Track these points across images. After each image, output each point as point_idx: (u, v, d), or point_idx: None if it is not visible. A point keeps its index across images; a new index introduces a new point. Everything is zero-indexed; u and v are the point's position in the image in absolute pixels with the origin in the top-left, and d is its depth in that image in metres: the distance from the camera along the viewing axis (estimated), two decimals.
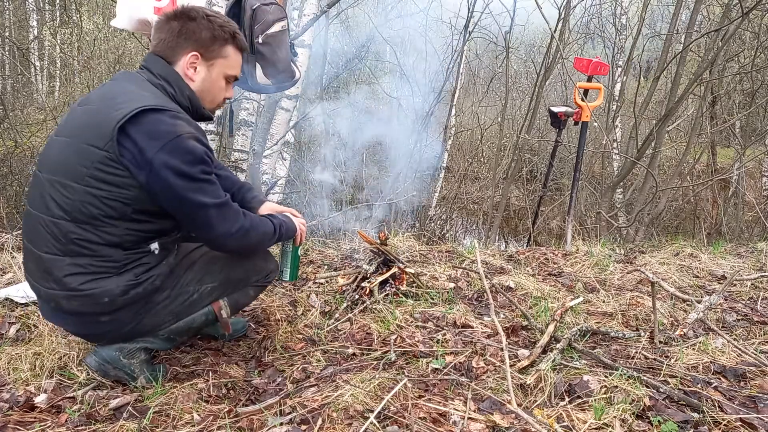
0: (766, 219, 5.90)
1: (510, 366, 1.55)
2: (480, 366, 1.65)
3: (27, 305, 1.98)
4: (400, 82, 8.70)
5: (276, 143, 4.39)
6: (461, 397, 1.43)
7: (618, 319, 2.15)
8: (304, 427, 1.28)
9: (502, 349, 1.66)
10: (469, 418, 1.32)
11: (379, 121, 7.97)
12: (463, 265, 2.82)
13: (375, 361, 1.71)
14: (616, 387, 1.44)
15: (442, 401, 1.40)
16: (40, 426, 1.32)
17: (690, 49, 5.97)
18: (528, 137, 6.86)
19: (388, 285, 2.31)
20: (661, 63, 5.77)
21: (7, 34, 9.83)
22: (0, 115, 5.64)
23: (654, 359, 1.72)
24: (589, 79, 3.83)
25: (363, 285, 2.25)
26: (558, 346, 1.72)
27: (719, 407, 1.36)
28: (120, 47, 10.13)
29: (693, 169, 7.46)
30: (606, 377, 1.50)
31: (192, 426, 1.33)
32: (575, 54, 8.69)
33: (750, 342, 1.91)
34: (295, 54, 2.54)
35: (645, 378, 1.50)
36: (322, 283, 2.44)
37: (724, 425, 1.30)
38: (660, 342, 1.87)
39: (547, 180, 5.16)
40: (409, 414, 1.31)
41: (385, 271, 2.32)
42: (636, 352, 1.76)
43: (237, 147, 4.10)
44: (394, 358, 1.73)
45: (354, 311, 2.11)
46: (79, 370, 1.61)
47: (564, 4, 5.84)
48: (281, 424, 1.30)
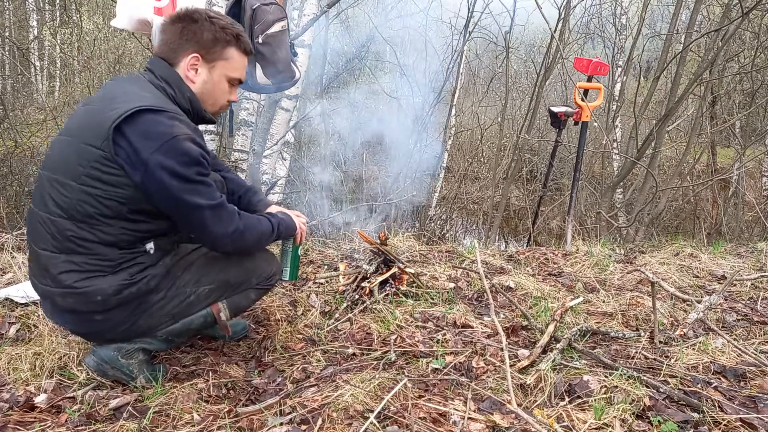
0: (766, 219, 5.90)
1: (510, 366, 1.55)
2: (480, 366, 1.65)
3: (27, 305, 1.98)
4: (400, 82, 8.71)
5: (276, 143, 4.39)
6: (461, 397, 1.43)
7: (618, 319, 2.15)
8: (304, 427, 1.28)
9: (502, 349, 1.66)
10: (469, 418, 1.32)
11: (379, 121, 7.97)
12: (463, 265, 2.82)
13: (375, 361, 1.71)
14: (616, 387, 1.44)
15: (442, 401, 1.40)
16: (40, 426, 1.32)
17: (690, 49, 5.97)
18: (528, 137, 6.86)
19: (388, 285, 2.31)
20: (661, 63, 5.77)
21: (7, 34, 9.83)
22: (0, 115, 5.64)
23: (654, 359, 1.72)
24: (589, 79, 3.83)
25: (363, 285, 2.25)
26: (558, 346, 1.72)
27: (719, 407, 1.36)
28: (120, 47, 10.12)
29: (693, 169, 7.46)
30: (606, 377, 1.50)
31: (192, 426, 1.33)
32: (575, 54, 8.70)
33: (750, 342, 1.91)
34: (295, 54, 2.54)
35: (645, 378, 1.50)
36: (322, 283, 2.44)
37: (724, 425, 1.30)
38: (660, 342, 1.87)
39: (547, 180, 5.17)
40: (409, 414, 1.31)
41: (385, 271, 2.32)
42: (636, 352, 1.76)
43: (237, 147, 4.10)
44: (394, 358, 1.73)
45: (354, 311, 2.11)
46: (79, 370, 1.61)
47: (564, 4, 5.84)
48: (281, 424, 1.30)
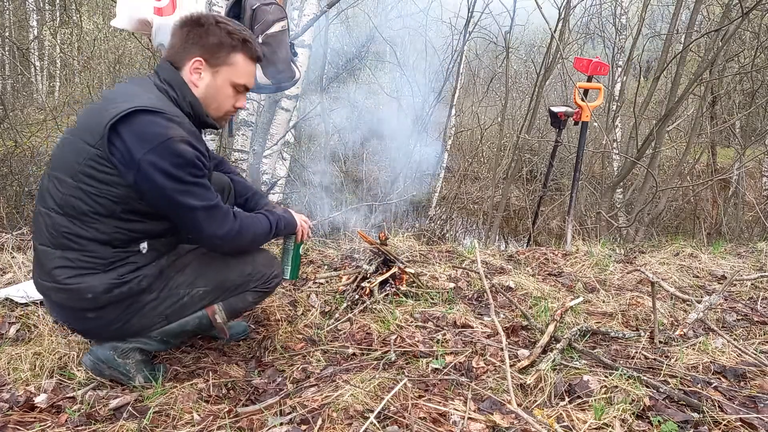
0: (766, 219, 5.90)
1: (510, 366, 1.55)
2: (480, 366, 1.65)
3: (27, 305, 1.98)
4: (400, 82, 8.71)
5: (276, 143, 4.39)
6: (461, 397, 1.43)
7: (618, 319, 2.15)
8: (304, 427, 1.28)
9: (502, 349, 1.66)
10: (469, 418, 1.32)
11: (380, 121, 7.98)
12: (463, 265, 2.82)
13: (375, 361, 1.71)
14: (616, 387, 1.44)
15: (442, 401, 1.40)
16: (40, 426, 1.32)
17: (690, 49, 5.97)
18: (528, 137, 6.86)
19: (388, 285, 2.31)
20: (661, 63, 5.77)
21: (7, 34, 9.83)
22: (0, 115, 5.64)
23: (654, 359, 1.72)
24: (589, 79, 3.83)
25: (363, 285, 2.25)
26: (558, 346, 1.72)
27: (719, 407, 1.36)
28: (120, 47, 10.13)
29: (693, 169, 7.46)
30: (606, 377, 1.50)
31: (192, 426, 1.33)
32: (575, 54, 8.70)
33: (750, 342, 1.91)
34: (295, 54, 2.54)
35: (645, 378, 1.49)
36: (322, 283, 2.44)
37: (724, 425, 1.29)
38: (660, 342, 1.87)
39: (547, 180, 5.17)
40: (409, 414, 1.31)
41: (385, 271, 2.32)
42: (636, 352, 1.76)
43: (237, 147, 4.10)
44: (394, 358, 1.73)
45: (354, 311, 2.11)
46: (79, 370, 1.62)
47: (564, 4, 5.84)
48: (281, 424, 1.30)
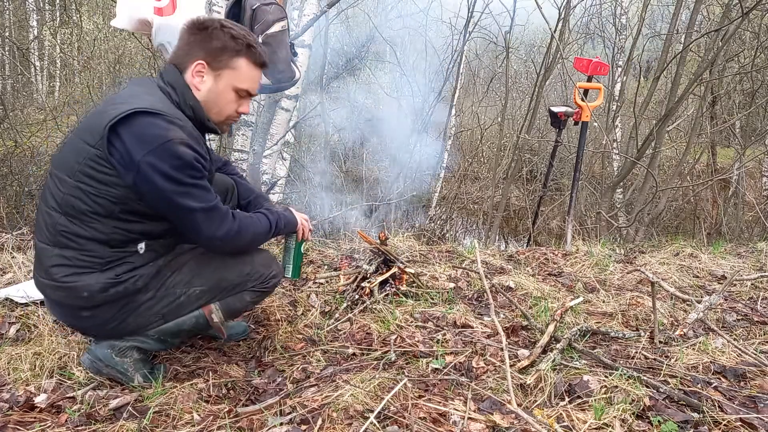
0: (766, 219, 5.90)
1: (510, 366, 1.55)
2: (480, 366, 1.65)
3: (27, 305, 1.98)
4: (400, 82, 8.71)
5: (276, 143, 4.40)
6: (461, 397, 1.43)
7: (618, 319, 2.15)
8: (304, 427, 1.28)
9: (502, 349, 1.66)
10: (469, 418, 1.32)
11: (380, 121, 7.98)
12: (463, 265, 2.82)
13: (375, 361, 1.71)
14: (616, 387, 1.44)
15: (442, 401, 1.40)
16: (40, 426, 1.32)
17: (690, 49, 5.97)
18: (528, 137, 6.86)
19: (388, 285, 2.31)
20: (661, 63, 5.77)
21: (7, 34, 9.83)
22: (0, 115, 5.64)
23: (654, 359, 1.72)
24: (589, 79, 3.83)
25: (363, 285, 2.25)
26: (558, 346, 1.72)
27: (719, 407, 1.36)
28: (120, 47, 10.13)
29: (693, 169, 7.46)
30: (606, 377, 1.50)
31: (192, 426, 1.33)
32: (575, 54, 8.69)
33: (750, 342, 1.91)
34: (295, 54, 2.54)
35: (645, 378, 1.49)
36: (322, 283, 2.44)
37: (724, 425, 1.29)
38: (660, 342, 1.87)
39: (547, 180, 5.17)
40: (409, 414, 1.31)
41: (385, 271, 2.32)
42: (636, 352, 1.76)
43: (237, 147, 4.10)
44: (394, 358, 1.73)
45: (354, 311, 2.11)
46: (79, 370, 1.61)
47: (564, 4, 5.84)
48: (281, 424, 1.30)
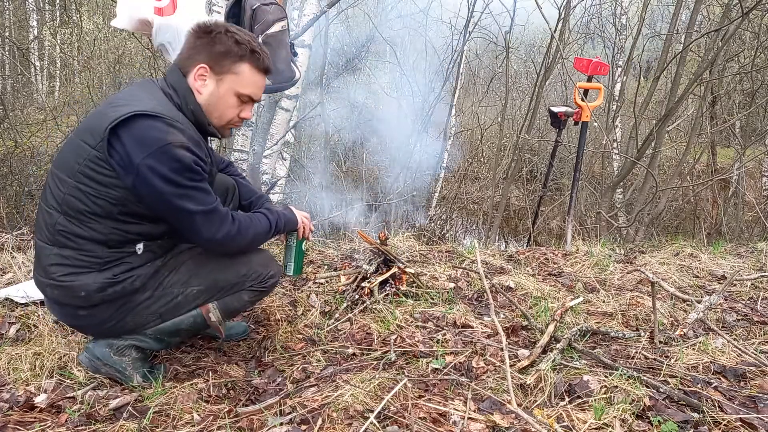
0: (766, 219, 5.90)
1: (510, 366, 1.55)
2: (480, 366, 1.65)
3: (27, 305, 1.98)
4: (400, 82, 8.71)
5: (276, 143, 4.39)
6: (461, 397, 1.43)
7: (618, 319, 2.15)
8: (304, 427, 1.28)
9: (502, 349, 1.66)
10: (469, 418, 1.32)
11: (380, 121, 7.98)
12: (463, 265, 2.82)
13: (375, 361, 1.71)
14: (616, 387, 1.44)
15: (442, 401, 1.40)
16: (40, 426, 1.32)
17: (690, 49, 5.97)
18: (528, 137, 6.86)
19: (388, 285, 2.31)
20: (661, 63, 5.77)
21: (7, 34, 9.82)
22: (0, 115, 5.64)
23: (654, 359, 1.72)
24: (589, 79, 3.83)
25: (363, 285, 2.25)
26: (558, 346, 1.72)
27: (719, 407, 1.36)
28: (120, 47, 10.13)
29: (693, 169, 7.46)
30: (606, 377, 1.50)
31: (192, 426, 1.33)
32: (575, 54, 8.69)
33: (750, 342, 1.91)
34: (295, 54, 2.54)
35: (645, 378, 1.49)
36: (322, 283, 2.44)
37: (724, 425, 1.29)
38: (660, 342, 1.87)
39: (547, 180, 5.17)
40: (409, 414, 1.31)
41: (385, 271, 2.32)
42: (636, 352, 1.76)
43: (237, 147, 4.10)
44: (394, 358, 1.73)
45: (354, 311, 2.11)
46: (79, 370, 1.62)
47: (564, 4, 5.84)
48: (281, 424, 1.30)
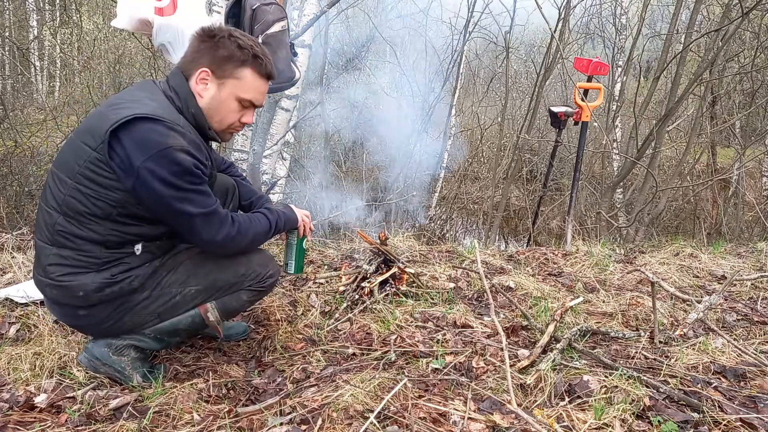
0: (766, 219, 5.90)
1: (510, 366, 1.55)
2: (480, 366, 1.65)
3: (27, 305, 1.98)
4: (400, 82, 8.71)
5: (276, 143, 4.39)
6: (461, 397, 1.43)
7: (618, 319, 2.15)
8: (304, 427, 1.28)
9: (502, 349, 1.66)
10: (469, 418, 1.32)
11: (380, 122, 7.98)
12: (463, 265, 2.82)
13: (375, 361, 1.71)
14: (616, 387, 1.44)
15: (442, 401, 1.40)
16: (40, 426, 1.32)
17: (690, 49, 5.97)
18: (528, 137, 6.86)
19: (388, 285, 2.31)
20: (661, 63, 5.77)
21: (7, 34, 9.82)
22: (0, 115, 5.64)
23: (654, 359, 1.72)
24: (589, 79, 3.82)
25: (363, 285, 2.25)
26: (558, 346, 1.72)
27: (719, 407, 1.36)
28: (120, 47, 10.12)
29: (693, 169, 7.46)
30: (606, 377, 1.50)
31: (192, 426, 1.33)
32: (575, 54, 8.69)
33: (750, 342, 1.91)
34: (295, 54, 2.54)
35: (645, 378, 1.49)
36: (322, 283, 2.44)
37: (724, 425, 1.29)
38: (660, 342, 1.87)
39: (547, 180, 5.17)
40: (409, 414, 1.31)
41: (385, 271, 2.32)
42: (636, 352, 1.76)
43: (237, 147, 4.10)
44: (394, 358, 1.73)
45: (354, 311, 2.11)
46: (79, 370, 1.62)
47: (564, 4, 5.84)
48: (281, 424, 1.30)
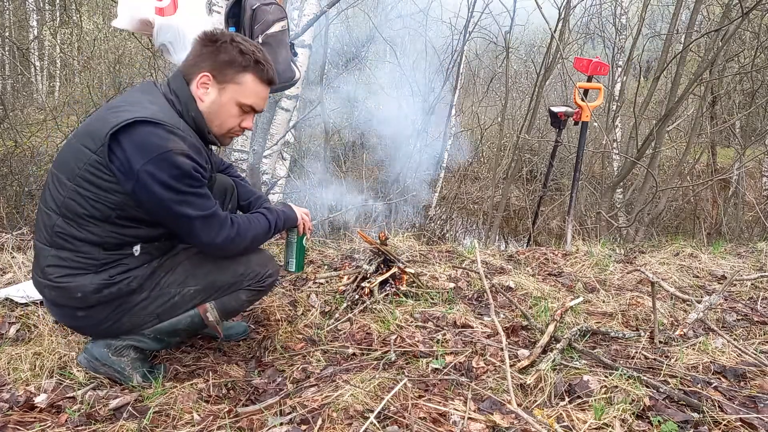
0: (766, 219, 5.90)
1: (510, 366, 1.55)
2: (480, 366, 1.65)
3: (27, 305, 1.98)
4: (400, 82, 8.71)
5: (276, 143, 4.39)
6: (461, 397, 1.43)
7: (618, 319, 2.15)
8: (304, 427, 1.28)
9: (502, 349, 1.66)
10: (469, 418, 1.32)
11: (380, 122, 7.98)
12: (463, 265, 2.82)
13: (375, 361, 1.71)
14: (616, 387, 1.44)
15: (442, 401, 1.40)
16: (40, 426, 1.32)
17: (690, 49, 5.97)
18: (528, 137, 6.86)
19: (388, 285, 2.31)
20: (661, 63, 5.77)
21: (7, 34, 9.82)
22: (0, 115, 5.64)
23: (654, 359, 1.72)
24: (589, 79, 3.82)
25: (363, 285, 2.25)
26: (558, 346, 1.72)
27: (719, 407, 1.36)
28: (120, 47, 10.12)
29: (693, 169, 7.46)
30: (606, 377, 1.50)
31: (192, 426, 1.33)
32: (575, 54, 8.69)
33: (750, 342, 1.91)
34: (295, 54, 2.54)
35: (645, 378, 1.49)
36: (322, 283, 2.44)
37: (724, 425, 1.29)
38: (660, 342, 1.87)
39: (547, 180, 5.17)
40: (409, 414, 1.31)
41: (385, 271, 2.32)
42: (636, 352, 1.76)
43: (237, 147, 4.10)
44: (394, 358, 1.73)
45: (354, 311, 2.11)
46: (79, 370, 1.62)
47: (564, 4, 5.84)
48: (281, 424, 1.30)
